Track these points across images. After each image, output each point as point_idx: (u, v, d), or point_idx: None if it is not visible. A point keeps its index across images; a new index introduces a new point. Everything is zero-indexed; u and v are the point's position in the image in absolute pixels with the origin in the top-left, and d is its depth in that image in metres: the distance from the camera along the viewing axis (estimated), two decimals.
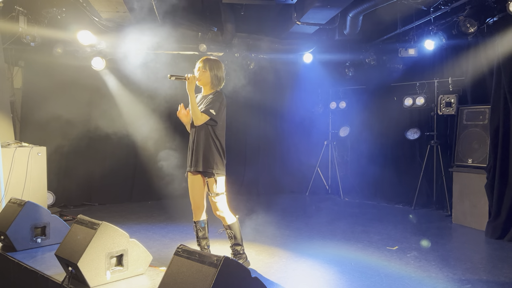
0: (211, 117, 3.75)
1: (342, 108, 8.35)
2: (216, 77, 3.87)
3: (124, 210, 6.96)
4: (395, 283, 3.74)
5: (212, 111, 3.74)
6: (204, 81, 3.87)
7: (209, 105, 3.76)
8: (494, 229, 5.21)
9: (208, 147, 3.80)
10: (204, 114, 3.74)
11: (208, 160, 3.78)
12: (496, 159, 5.29)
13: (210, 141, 3.81)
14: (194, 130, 3.87)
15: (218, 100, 3.80)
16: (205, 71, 3.85)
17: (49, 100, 6.88)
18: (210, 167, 3.78)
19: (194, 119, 3.76)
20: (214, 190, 3.79)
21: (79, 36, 6.48)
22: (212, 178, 3.78)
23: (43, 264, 3.93)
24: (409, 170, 7.35)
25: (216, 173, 3.79)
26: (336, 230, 5.64)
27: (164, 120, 7.66)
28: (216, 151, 3.82)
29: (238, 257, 3.97)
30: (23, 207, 4.39)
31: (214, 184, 3.79)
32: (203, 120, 3.75)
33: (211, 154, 3.80)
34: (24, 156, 5.61)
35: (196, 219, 4.00)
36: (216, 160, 3.80)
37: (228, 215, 3.90)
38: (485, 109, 5.78)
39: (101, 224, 3.40)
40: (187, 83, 3.72)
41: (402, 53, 6.79)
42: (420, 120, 7.23)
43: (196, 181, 3.92)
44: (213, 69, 3.86)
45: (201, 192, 3.94)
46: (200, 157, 3.79)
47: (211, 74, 3.85)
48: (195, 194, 3.95)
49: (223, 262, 2.45)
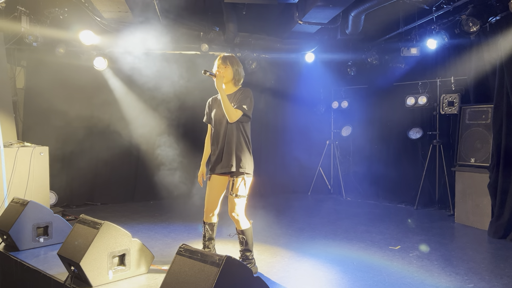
0: (244, 113, 3.66)
1: (344, 107, 8.34)
2: (237, 72, 3.78)
3: (127, 210, 6.97)
4: (397, 282, 3.73)
5: (245, 107, 3.66)
6: (228, 78, 3.76)
7: (241, 102, 3.67)
8: (497, 228, 5.19)
9: (240, 146, 3.71)
10: (239, 110, 3.64)
11: (240, 159, 3.69)
12: (499, 159, 5.28)
13: (242, 139, 3.73)
14: (224, 129, 3.74)
15: (249, 97, 3.73)
16: (227, 66, 3.74)
17: (52, 100, 6.90)
18: (242, 167, 3.68)
19: (228, 115, 3.61)
20: (238, 191, 3.66)
21: (81, 36, 6.50)
22: (241, 177, 3.68)
23: (46, 263, 3.94)
24: (412, 170, 7.33)
25: (246, 172, 3.70)
26: (338, 230, 5.64)
27: (166, 120, 7.66)
28: (247, 150, 3.75)
29: (246, 262, 3.84)
30: (25, 207, 4.40)
31: (240, 185, 3.67)
32: (237, 116, 3.64)
33: (243, 153, 3.71)
34: (27, 156, 5.62)
35: (206, 220, 3.92)
36: (247, 160, 3.73)
37: (243, 220, 3.77)
38: (488, 108, 5.77)
39: (103, 223, 3.41)
40: (216, 80, 3.62)
41: (405, 52, 6.78)
42: (423, 120, 7.22)
43: (218, 183, 3.81)
44: (234, 64, 3.77)
45: (219, 194, 3.85)
46: (233, 156, 3.68)
47: (233, 69, 3.76)
48: (212, 196, 3.84)
49: (225, 261, 2.45)
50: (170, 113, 7.64)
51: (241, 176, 3.67)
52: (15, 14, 6.04)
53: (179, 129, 7.88)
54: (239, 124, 3.73)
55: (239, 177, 3.67)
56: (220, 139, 3.75)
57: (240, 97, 3.72)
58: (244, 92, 3.76)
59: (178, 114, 7.85)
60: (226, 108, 3.60)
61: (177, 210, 6.86)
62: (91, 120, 7.23)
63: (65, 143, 7.05)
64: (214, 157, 3.79)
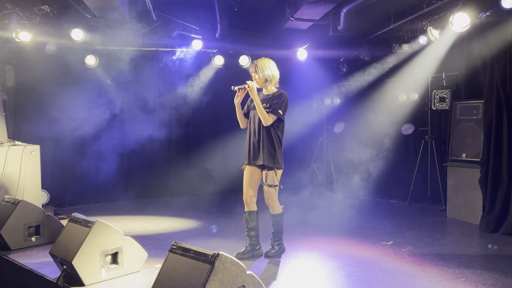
0: (278, 117, 4.10)
1: (337, 104, 8.35)
2: (268, 76, 4.18)
3: (119, 208, 6.94)
4: (390, 277, 3.75)
5: (280, 111, 4.10)
6: (260, 83, 4.21)
7: (276, 106, 4.09)
8: (488, 222, 5.24)
9: (272, 144, 4.12)
10: (272, 115, 4.07)
11: (271, 155, 4.11)
12: (490, 154, 5.32)
13: (274, 138, 4.13)
14: (258, 125, 4.14)
15: (284, 101, 4.15)
16: (256, 73, 4.19)
17: (42, 98, 6.85)
18: (272, 162, 4.11)
19: (263, 121, 4.06)
20: (271, 182, 4.12)
21: (72, 34, 6.45)
22: (272, 171, 4.11)
23: (38, 263, 3.91)
24: (404, 165, 7.37)
25: (276, 167, 4.13)
26: (331, 226, 5.66)
27: (157, 116, 7.64)
28: (278, 147, 4.16)
29: (277, 243, 4.33)
30: (17, 206, 4.36)
31: (273, 176, 4.12)
32: (271, 121, 4.08)
33: (274, 150, 4.12)
34: (18, 155, 5.57)
35: (248, 209, 4.27)
36: (278, 155, 4.15)
37: (277, 205, 4.26)
38: (479, 103, 5.81)
39: (96, 222, 3.39)
40: (249, 90, 4.10)
41: (396, 48, 6.81)
42: (414, 116, 7.25)
43: (254, 174, 4.21)
44: (261, 70, 4.17)
45: (256, 184, 4.25)
46: (265, 153, 4.10)
47: (262, 74, 4.17)
48: (250, 186, 4.23)
49: (218, 258, 2.44)
50: (160, 109, 7.64)
51: (272, 169, 4.12)
52: (4, 12, 5.97)
53: (171, 125, 7.87)
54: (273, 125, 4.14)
55: (271, 171, 4.12)
56: (255, 136, 4.18)
57: (276, 101, 4.12)
58: (280, 96, 4.16)
59: (170, 112, 7.83)
60: (261, 115, 4.06)
61: (169, 208, 6.85)
62: (82, 118, 7.18)
63: (57, 141, 7.00)
64: (248, 151, 4.24)
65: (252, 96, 4.09)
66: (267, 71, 4.18)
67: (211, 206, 7.06)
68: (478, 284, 3.58)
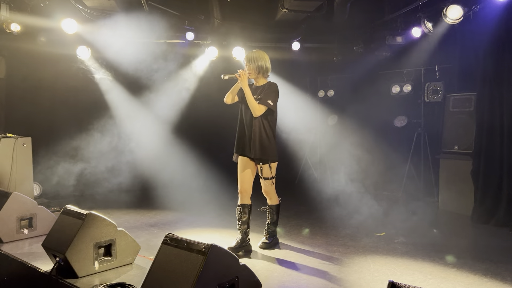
0: (269, 107, 4.06)
1: (330, 96, 8.35)
2: (261, 68, 4.17)
3: (112, 200, 6.92)
4: (382, 268, 3.78)
5: (269, 102, 4.06)
6: (253, 74, 4.18)
7: (266, 96, 4.07)
8: (480, 214, 5.29)
9: (264, 136, 4.10)
10: (262, 105, 4.04)
11: (264, 148, 4.09)
12: (482, 146, 5.36)
13: (266, 130, 4.10)
14: (249, 118, 4.12)
15: (274, 91, 4.14)
16: (249, 64, 4.16)
17: (34, 90, 6.78)
18: (266, 155, 4.09)
19: (253, 111, 4.03)
20: (267, 174, 4.14)
21: (63, 25, 6.36)
22: (267, 164, 4.11)
23: (31, 255, 3.90)
24: (397, 158, 7.38)
25: (271, 159, 4.12)
26: (325, 218, 5.68)
27: (149, 108, 7.60)
28: (271, 140, 4.14)
29: (271, 234, 4.39)
30: (8, 199, 4.34)
31: (267, 169, 4.13)
32: (262, 111, 4.05)
33: (267, 142, 4.10)
34: (9, 147, 5.52)
35: (242, 202, 4.23)
36: (272, 147, 4.13)
37: (274, 197, 4.34)
38: (471, 96, 5.83)
39: (88, 214, 3.38)
40: (240, 80, 4.04)
41: (390, 40, 6.78)
42: (408, 108, 7.27)
43: (248, 166, 4.21)
44: (255, 60, 4.15)
45: (251, 177, 4.23)
46: (257, 145, 4.08)
47: (255, 65, 4.15)
48: (244, 179, 4.21)
49: (211, 250, 2.45)
50: (153, 102, 7.59)
51: (267, 163, 4.11)
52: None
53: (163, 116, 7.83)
54: (263, 116, 4.09)
55: (265, 164, 4.12)
56: (247, 127, 4.15)
57: (266, 91, 4.12)
58: (270, 87, 4.16)
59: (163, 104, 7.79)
60: (251, 104, 4.03)
61: (163, 200, 6.83)
62: (75, 110, 7.13)
63: (49, 133, 6.95)
64: (241, 141, 4.22)
65: (242, 85, 4.05)
66: (260, 62, 4.17)
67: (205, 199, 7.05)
68: (469, 275, 3.62)
